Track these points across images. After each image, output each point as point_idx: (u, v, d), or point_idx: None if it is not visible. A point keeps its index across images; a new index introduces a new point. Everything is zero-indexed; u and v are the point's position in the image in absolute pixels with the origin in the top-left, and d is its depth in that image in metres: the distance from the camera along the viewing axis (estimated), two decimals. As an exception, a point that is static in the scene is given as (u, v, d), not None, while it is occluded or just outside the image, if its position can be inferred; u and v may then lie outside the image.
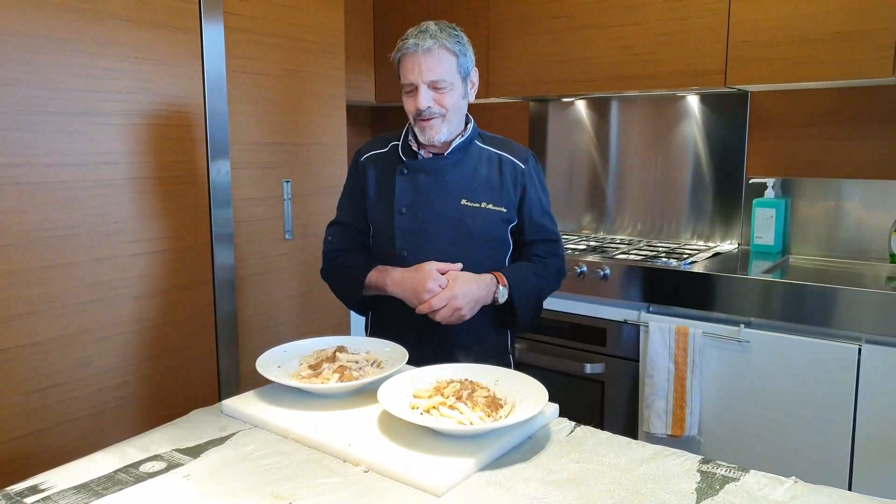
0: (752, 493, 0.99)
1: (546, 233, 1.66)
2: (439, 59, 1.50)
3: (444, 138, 1.56)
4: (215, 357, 2.11)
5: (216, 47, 2.03)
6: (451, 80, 1.53)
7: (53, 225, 1.70)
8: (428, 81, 1.50)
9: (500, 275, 1.56)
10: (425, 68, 1.49)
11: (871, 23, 1.97)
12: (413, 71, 1.50)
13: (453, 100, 1.54)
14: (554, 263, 1.66)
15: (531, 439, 1.16)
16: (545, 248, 1.66)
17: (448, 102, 1.53)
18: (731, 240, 2.60)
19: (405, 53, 1.51)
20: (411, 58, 1.50)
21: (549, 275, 1.64)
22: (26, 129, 1.64)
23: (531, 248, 1.65)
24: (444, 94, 1.52)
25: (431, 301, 1.47)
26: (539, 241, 1.65)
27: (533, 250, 1.65)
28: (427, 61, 1.49)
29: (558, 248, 1.69)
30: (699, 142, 2.63)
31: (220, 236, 2.08)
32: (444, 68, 1.51)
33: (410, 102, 1.54)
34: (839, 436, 1.91)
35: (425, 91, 1.51)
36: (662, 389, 2.14)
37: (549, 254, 1.66)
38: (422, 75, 1.49)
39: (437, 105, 1.52)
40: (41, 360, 1.70)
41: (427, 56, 1.49)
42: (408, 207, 1.59)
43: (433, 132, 1.54)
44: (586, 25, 2.49)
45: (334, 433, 1.15)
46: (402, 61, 1.53)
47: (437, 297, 1.47)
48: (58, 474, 1.06)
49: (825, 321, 1.92)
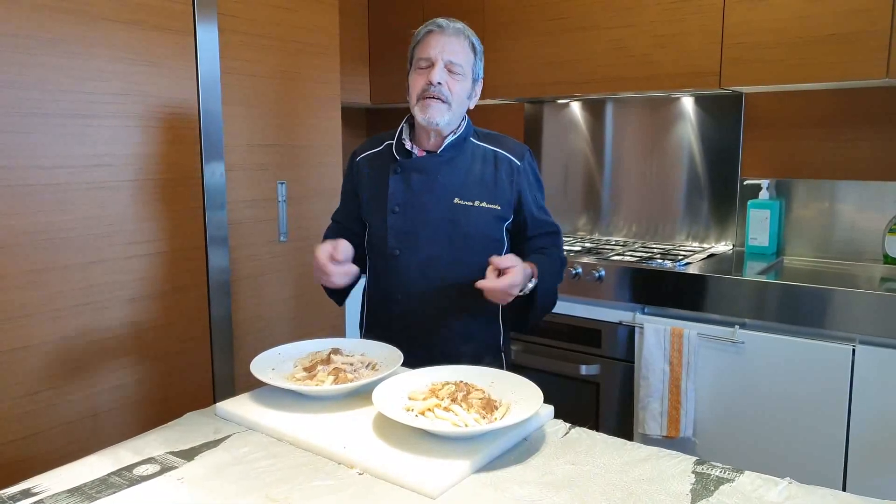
0: (746, 494, 0.99)
1: (547, 226, 1.67)
2: (463, 45, 1.56)
3: (444, 125, 1.56)
4: (209, 359, 2.10)
5: (210, 49, 2.02)
6: (465, 70, 1.57)
7: (47, 227, 1.70)
8: (447, 61, 1.54)
9: (532, 265, 1.54)
10: (448, 48, 1.54)
11: (865, 24, 1.98)
12: (435, 47, 1.53)
13: (462, 89, 1.57)
14: (558, 255, 1.67)
15: (526, 441, 1.16)
16: (548, 240, 1.67)
17: (457, 89, 1.55)
18: (725, 241, 2.61)
19: (432, 30, 1.55)
20: (437, 35, 1.54)
21: (556, 266, 1.65)
22: (19, 131, 1.63)
23: (534, 241, 1.65)
24: (455, 79, 1.55)
25: (497, 283, 1.41)
26: (541, 235, 1.66)
27: (536, 243, 1.65)
28: (452, 43, 1.54)
29: (559, 240, 1.70)
30: (694, 143, 2.64)
31: (214, 238, 2.07)
32: (464, 56, 1.56)
33: (421, 78, 1.55)
34: (833, 436, 1.91)
35: (441, 67, 1.53)
36: (657, 391, 2.14)
37: (552, 245, 1.67)
38: (443, 53, 1.53)
39: (446, 87, 1.53)
40: (35, 364, 1.69)
41: (453, 38, 1.55)
42: (400, 206, 1.59)
43: (434, 113, 1.53)
44: (581, 27, 2.49)
45: (329, 435, 1.15)
46: (426, 38, 1.55)
47: (502, 280, 1.42)
48: (51, 478, 1.05)
49: (819, 322, 1.92)
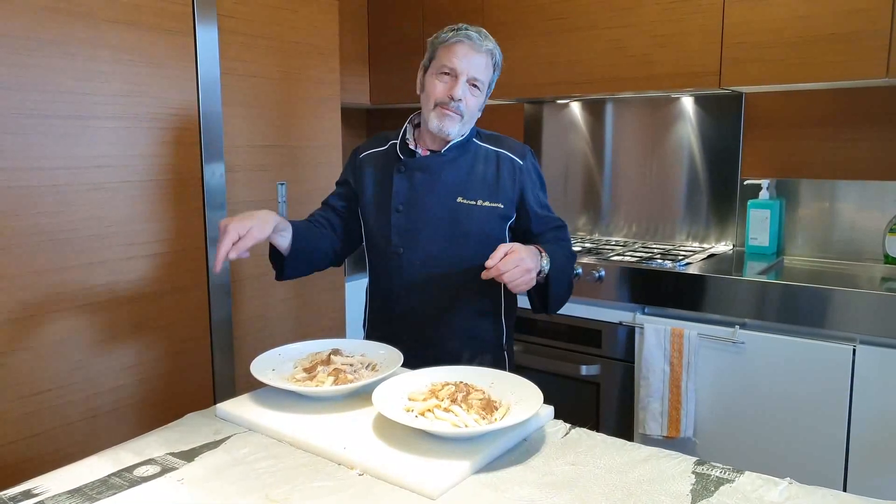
0: (746, 495, 0.99)
1: (552, 221, 1.67)
2: (488, 63, 1.56)
3: (454, 135, 1.57)
4: (210, 360, 2.10)
5: (210, 50, 2.02)
6: (484, 87, 1.58)
7: (47, 228, 1.70)
8: (471, 77, 1.53)
9: (539, 247, 1.53)
10: (476, 63, 1.53)
11: (865, 24, 1.98)
12: (463, 60, 1.52)
13: (477, 103, 1.58)
14: (567, 246, 1.67)
15: (526, 441, 1.16)
16: (555, 234, 1.67)
17: (473, 105, 1.57)
18: (725, 241, 2.61)
19: (462, 41, 1.52)
20: (467, 47, 1.52)
21: (569, 253, 1.64)
22: (19, 132, 1.63)
23: (541, 237, 1.65)
24: (475, 95, 1.56)
25: (499, 265, 1.38)
26: (547, 230, 1.66)
27: (544, 238, 1.65)
28: (480, 59, 1.54)
29: (565, 233, 1.70)
30: (694, 143, 2.64)
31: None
32: (487, 75, 1.57)
33: (443, 87, 1.54)
34: (834, 437, 1.91)
35: (464, 83, 1.53)
36: (657, 391, 2.14)
37: (560, 238, 1.67)
38: (469, 69, 1.53)
39: (464, 102, 1.54)
40: (35, 365, 1.69)
41: (482, 55, 1.54)
42: (404, 205, 1.59)
43: (449, 125, 1.54)
44: (580, 27, 2.49)
45: (329, 436, 1.15)
46: (455, 46, 1.53)
47: (505, 261, 1.38)
48: (51, 479, 1.05)
49: (820, 322, 1.92)
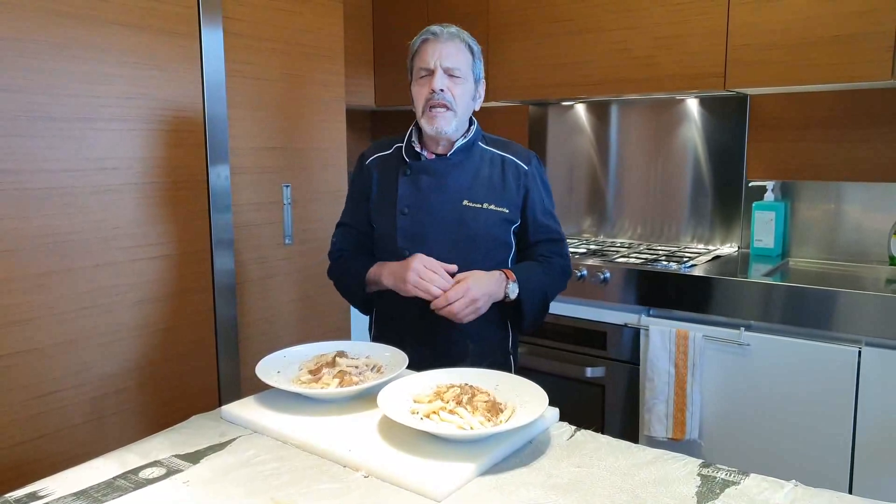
0: (752, 497, 0.99)
1: (550, 232, 1.67)
2: (459, 49, 1.56)
3: (452, 132, 1.57)
4: (215, 362, 2.11)
5: (215, 52, 2.03)
6: (466, 72, 1.57)
7: (53, 231, 1.70)
8: (445, 67, 1.54)
9: (508, 271, 1.57)
10: (445, 53, 1.53)
11: (870, 26, 1.97)
12: (433, 56, 1.53)
13: (464, 92, 1.57)
14: (559, 263, 1.66)
15: (531, 444, 1.16)
16: (550, 247, 1.67)
17: (459, 93, 1.55)
18: (730, 243, 2.60)
19: (427, 39, 1.55)
20: (432, 43, 1.54)
21: (554, 273, 1.65)
22: (25, 135, 1.64)
23: (536, 248, 1.66)
24: (457, 84, 1.55)
25: (448, 293, 1.46)
26: (543, 241, 1.66)
27: (538, 250, 1.66)
28: (448, 48, 1.54)
29: (563, 248, 1.69)
30: (699, 145, 2.64)
31: (219, 241, 2.08)
32: (462, 59, 1.56)
33: (423, 89, 1.55)
34: (839, 439, 1.91)
35: (441, 74, 1.53)
36: (663, 393, 2.14)
37: (553, 253, 1.66)
38: (440, 60, 1.53)
39: (448, 93, 1.53)
40: (41, 367, 1.70)
41: (448, 43, 1.54)
42: (409, 208, 1.60)
43: (442, 122, 1.54)
44: (585, 29, 2.49)
45: (334, 438, 1.15)
46: (421, 47, 1.56)
47: (454, 290, 1.47)
48: (57, 481, 1.06)
49: (825, 324, 1.92)
